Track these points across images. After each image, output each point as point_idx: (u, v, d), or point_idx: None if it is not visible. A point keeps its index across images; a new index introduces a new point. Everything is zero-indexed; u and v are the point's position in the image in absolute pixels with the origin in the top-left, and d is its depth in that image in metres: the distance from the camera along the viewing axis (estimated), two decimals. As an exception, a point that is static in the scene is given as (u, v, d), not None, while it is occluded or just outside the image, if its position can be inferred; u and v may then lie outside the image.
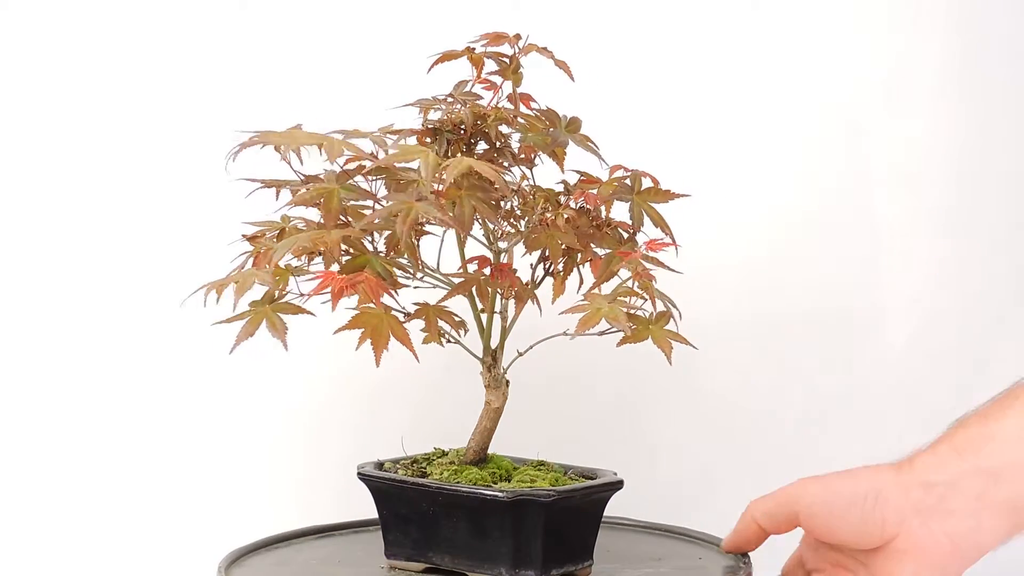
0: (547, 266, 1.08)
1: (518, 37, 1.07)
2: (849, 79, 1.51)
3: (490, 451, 1.15)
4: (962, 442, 1.00)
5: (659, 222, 1.06)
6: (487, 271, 1.06)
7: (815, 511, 1.04)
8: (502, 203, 1.05)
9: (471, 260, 1.08)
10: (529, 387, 1.28)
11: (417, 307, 1.03)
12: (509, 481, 1.09)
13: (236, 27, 1.45)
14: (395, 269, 1.01)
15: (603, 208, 1.06)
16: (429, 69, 1.08)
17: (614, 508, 1.28)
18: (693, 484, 1.50)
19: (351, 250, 1.01)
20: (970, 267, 1.52)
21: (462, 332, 1.06)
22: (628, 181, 1.07)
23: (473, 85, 1.08)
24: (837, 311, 1.51)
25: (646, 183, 1.07)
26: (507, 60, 1.08)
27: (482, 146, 1.09)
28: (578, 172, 1.12)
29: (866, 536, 1.02)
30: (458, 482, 1.06)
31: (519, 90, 1.09)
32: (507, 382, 1.12)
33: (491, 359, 1.11)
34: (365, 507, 1.26)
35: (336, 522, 1.25)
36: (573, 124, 1.11)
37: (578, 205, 1.05)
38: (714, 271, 1.48)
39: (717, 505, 1.29)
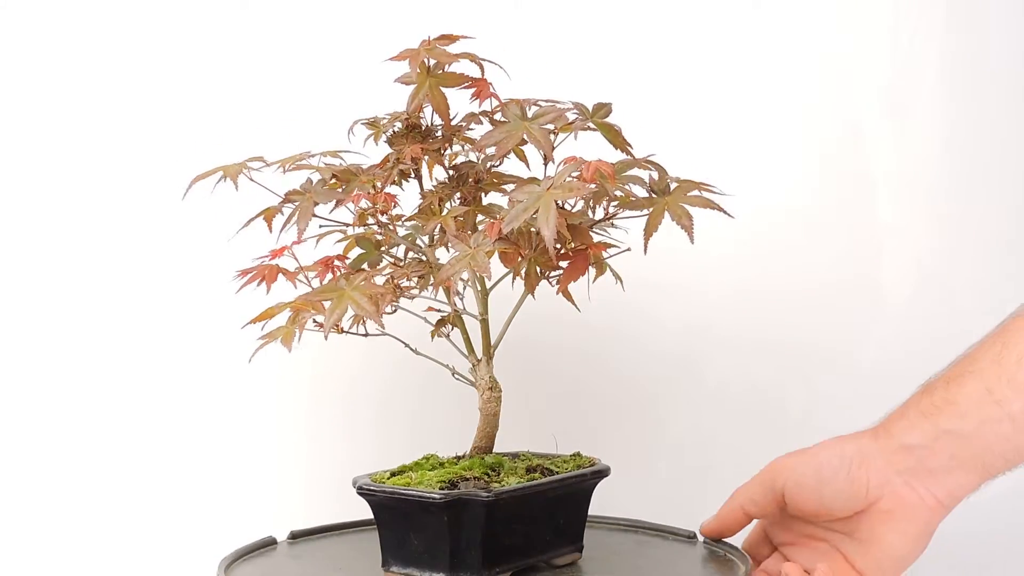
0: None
1: (450, 38, 1.07)
2: (850, 80, 1.51)
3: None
4: (929, 407, 1.06)
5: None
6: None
7: (802, 481, 1.09)
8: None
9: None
10: (529, 386, 1.28)
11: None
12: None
13: (238, 28, 1.46)
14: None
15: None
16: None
17: (611, 508, 1.28)
18: (692, 483, 1.50)
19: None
20: (971, 268, 1.52)
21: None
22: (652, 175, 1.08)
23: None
24: (838, 311, 1.51)
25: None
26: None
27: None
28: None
29: (852, 500, 1.07)
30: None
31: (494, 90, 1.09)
32: (496, 384, 1.12)
33: (476, 360, 1.11)
34: (363, 508, 1.27)
35: (336, 522, 1.25)
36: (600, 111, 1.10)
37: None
38: (715, 270, 1.48)
39: (716, 505, 1.29)
